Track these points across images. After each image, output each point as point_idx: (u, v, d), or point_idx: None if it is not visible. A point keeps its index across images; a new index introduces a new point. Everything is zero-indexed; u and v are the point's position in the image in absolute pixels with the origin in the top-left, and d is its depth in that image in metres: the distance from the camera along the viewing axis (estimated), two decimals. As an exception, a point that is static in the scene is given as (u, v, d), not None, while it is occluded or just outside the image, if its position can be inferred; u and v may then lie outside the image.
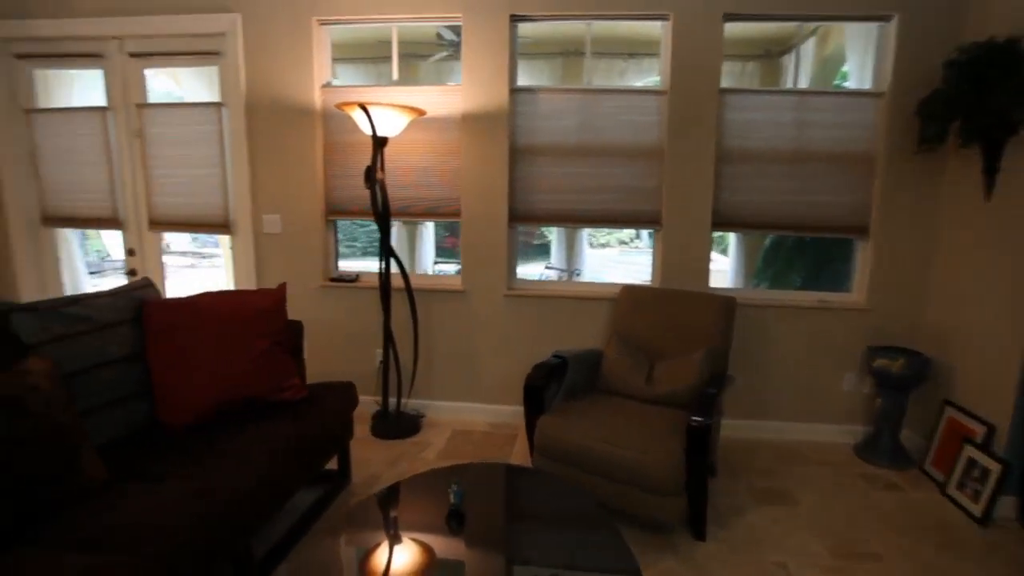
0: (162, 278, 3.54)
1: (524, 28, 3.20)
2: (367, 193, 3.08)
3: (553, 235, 6.78)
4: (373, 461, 2.81)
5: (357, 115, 2.80)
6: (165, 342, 2.08)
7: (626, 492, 2.12)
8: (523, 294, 3.24)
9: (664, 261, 3.12)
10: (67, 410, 1.65)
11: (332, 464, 2.54)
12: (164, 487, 1.66)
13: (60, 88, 3.62)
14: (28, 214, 3.56)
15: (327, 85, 3.24)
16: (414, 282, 3.22)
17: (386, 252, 3.02)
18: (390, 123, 2.84)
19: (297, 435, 2.08)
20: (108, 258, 7.80)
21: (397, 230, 6.39)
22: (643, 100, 3.03)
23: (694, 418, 2.09)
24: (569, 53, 4.92)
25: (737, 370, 3.04)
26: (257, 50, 3.19)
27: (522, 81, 3.15)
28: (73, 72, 3.59)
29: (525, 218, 3.21)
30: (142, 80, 3.39)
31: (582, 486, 2.13)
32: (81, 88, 3.64)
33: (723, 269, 5.18)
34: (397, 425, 3.13)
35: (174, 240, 8.51)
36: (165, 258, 3.64)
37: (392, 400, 3.21)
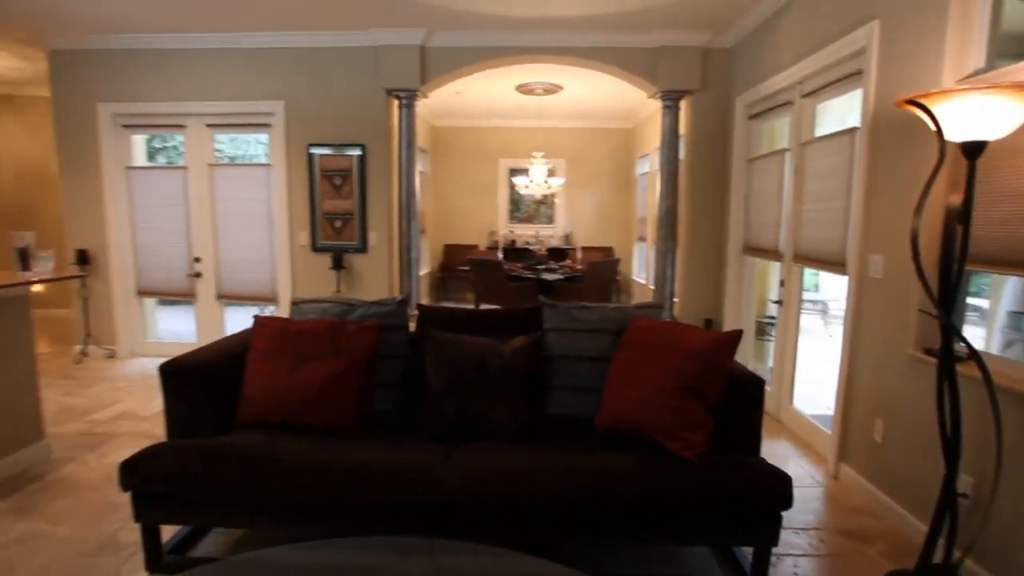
0: (797, 311, 3.54)
1: None
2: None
3: None
4: (825, 602, 2.01)
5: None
6: (621, 357, 2.43)
7: None
8: None
9: None
10: (510, 377, 2.38)
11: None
12: (515, 455, 2.11)
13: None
14: (736, 244, 4.37)
15: (973, 74, 2.24)
16: (1013, 378, 1.86)
17: (945, 331, 1.92)
18: (981, 119, 1.78)
19: (631, 487, 1.95)
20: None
21: None
22: None
23: None
24: None
25: None
26: (890, 57, 2.61)
27: None
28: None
29: None
30: (813, 118, 3.44)
31: None
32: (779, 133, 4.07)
33: None
34: (929, 594, 1.99)
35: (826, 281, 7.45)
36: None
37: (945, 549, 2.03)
